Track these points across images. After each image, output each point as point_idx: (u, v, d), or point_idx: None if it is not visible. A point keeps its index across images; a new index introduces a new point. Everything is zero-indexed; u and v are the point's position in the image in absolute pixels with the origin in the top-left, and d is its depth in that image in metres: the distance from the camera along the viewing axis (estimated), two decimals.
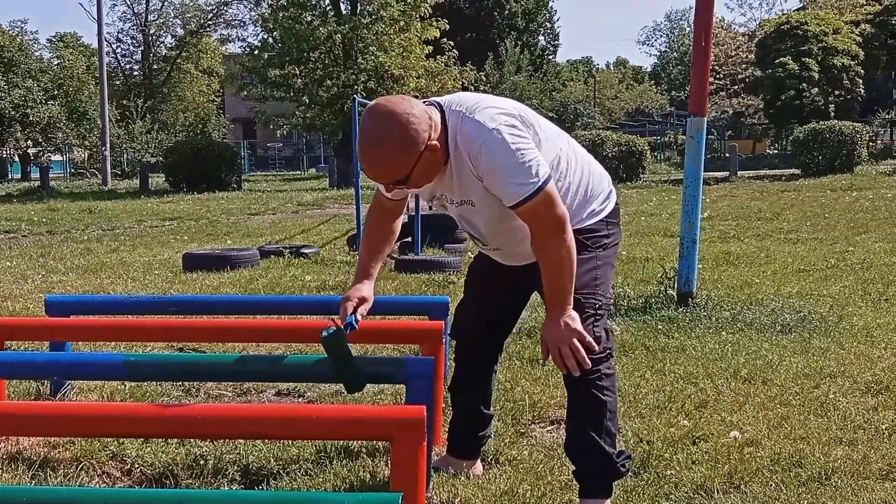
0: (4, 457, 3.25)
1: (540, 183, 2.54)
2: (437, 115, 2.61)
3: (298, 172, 41.37)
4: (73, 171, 39.99)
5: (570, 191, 2.80)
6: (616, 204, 2.96)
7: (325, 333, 2.71)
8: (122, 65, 50.87)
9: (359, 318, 2.80)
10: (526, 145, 2.56)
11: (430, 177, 2.66)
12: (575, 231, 2.71)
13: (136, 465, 3.25)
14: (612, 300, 2.87)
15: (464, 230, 2.97)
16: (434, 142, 2.54)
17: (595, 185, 2.89)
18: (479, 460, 3.26)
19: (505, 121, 2.58)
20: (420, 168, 2.56)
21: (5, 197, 24.10)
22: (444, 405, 3.58)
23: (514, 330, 3.38)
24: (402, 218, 3.10)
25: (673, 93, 67.15)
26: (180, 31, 50.34)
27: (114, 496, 2.06)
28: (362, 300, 2.83)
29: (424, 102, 2.65)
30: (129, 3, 49.37)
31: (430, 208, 8.39)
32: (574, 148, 2.90)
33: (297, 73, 28.04)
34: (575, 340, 2.64)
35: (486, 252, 3.03)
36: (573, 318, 2.65)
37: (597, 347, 2.69)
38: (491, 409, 3.28)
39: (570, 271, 2.64)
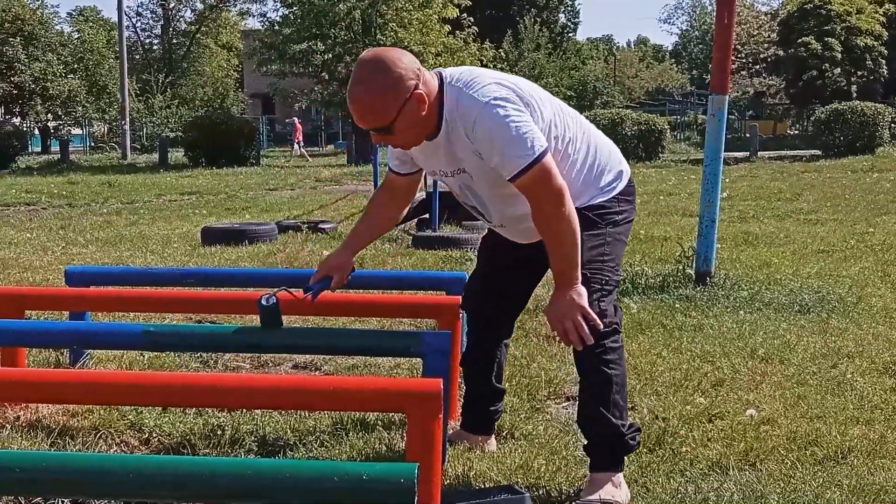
0: (24, 424, 3.29)
1: (536, 155, 2.53)
2: (433, 80, 2.63)
3: (317, 149, 41.31)
4: (92, 144, 40.14)
5: (575, 167, 2.79)
6: (630, 182, 2.93)
7: (265, 303, 2.77)
8: (142, 39, 50.98)
9: (332, 290, 2.92)
10: (520, 118, 2.55)
11: (414, 133, 2.64)
12: (585, 208, 2.75)
13: (154, 435, 3.28)
14: (620, 276, 2.88)
15: (467, 207, 2.97)
16: (421, 92, 2.55)
17: (604, 163, 2.87)
18: (493, 436, 3.26)
19: (499, 94, 2.57)
20: (404, 117, 2.55)
21: (26, 170, 24.25)
22: (459, 379, 3.59)
23: (531, 307, 3.38)
24: (410, 204, 3.14)
25: (694, 72, 66.65)
26: (200, 6, 50.34)
27: (132, 463, 2.08)
28: (342, 271, 2.94)
29: (430, 71, 2.67)
30: None
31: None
32: (582, 125, 2.88)
33: (317, 49, 27.96)
34: (579, 316, 2.63)
35: (494, 229, 3.03)
36: (580, 294, 2.64)
37: (601, 323, 2.68)
38: (503, 383, 3.27)
39: (573, 244, 2.62)
